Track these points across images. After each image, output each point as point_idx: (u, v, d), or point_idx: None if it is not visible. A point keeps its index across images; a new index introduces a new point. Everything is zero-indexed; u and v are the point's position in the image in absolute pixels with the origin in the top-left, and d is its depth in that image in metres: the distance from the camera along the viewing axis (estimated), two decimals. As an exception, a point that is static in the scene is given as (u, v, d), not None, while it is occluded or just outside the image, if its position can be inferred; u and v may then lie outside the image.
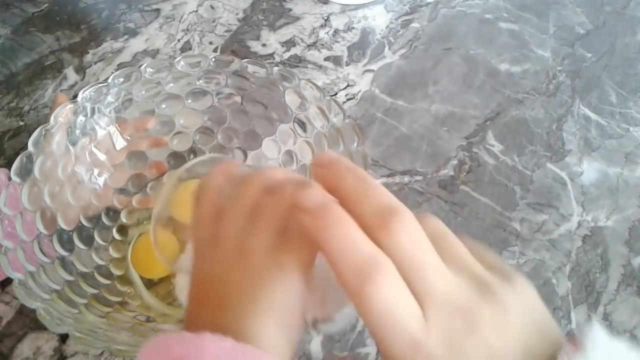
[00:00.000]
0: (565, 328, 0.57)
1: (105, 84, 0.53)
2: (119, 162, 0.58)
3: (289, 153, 0.61)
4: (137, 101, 0.57)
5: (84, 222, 0.54)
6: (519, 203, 0.66)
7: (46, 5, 0.85)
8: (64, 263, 0.50)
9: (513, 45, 0.85)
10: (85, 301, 0.49)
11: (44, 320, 0.43)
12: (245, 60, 0.57)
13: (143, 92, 0.57)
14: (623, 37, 0.87)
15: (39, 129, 0.48)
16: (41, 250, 0.48)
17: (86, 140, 0.54)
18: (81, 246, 0.53)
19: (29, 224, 0.47)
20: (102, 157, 0.57)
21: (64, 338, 0.54)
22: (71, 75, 0.76)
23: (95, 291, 0.51)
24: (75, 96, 0.53)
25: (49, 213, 0.50)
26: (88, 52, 0.79)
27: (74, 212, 0.53)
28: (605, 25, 0.89)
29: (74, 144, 0.53)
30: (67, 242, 0.51)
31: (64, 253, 0.51)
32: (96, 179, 0.56)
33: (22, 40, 0.80)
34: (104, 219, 0.57)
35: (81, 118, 0.53)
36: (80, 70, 0.77)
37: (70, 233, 0.52)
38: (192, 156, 0.62)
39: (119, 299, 0.53)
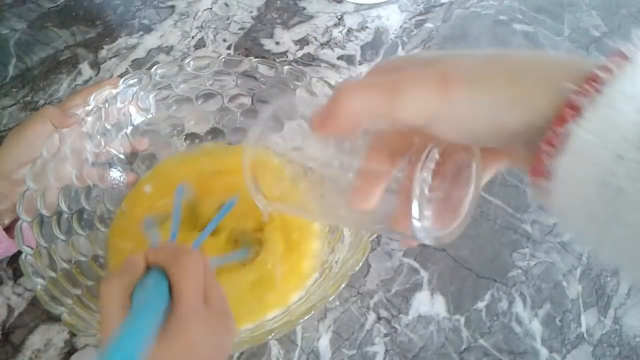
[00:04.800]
0: (574, 331, 0.57)
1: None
2: None
3: (297, 150, 0.61)
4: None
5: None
6: (531, 205, 0.66)
7: (62, 0, 0.86)
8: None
9: (527, 47, 0.84)
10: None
11: (42, 299, 0.44)
12: (256, 59, 0.58)
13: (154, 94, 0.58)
14: (638, 40, 0.87)
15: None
16: (59, 226, 0.51)
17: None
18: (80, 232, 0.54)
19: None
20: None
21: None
22: (86, 70, 0.77)
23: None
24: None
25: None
26: (103, 48, 0.80)
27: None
28: (620, 28, 0.88)
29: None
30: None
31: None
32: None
33: (38, 35, 0.81)
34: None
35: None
36: (95, 65, 0.77)
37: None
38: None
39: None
